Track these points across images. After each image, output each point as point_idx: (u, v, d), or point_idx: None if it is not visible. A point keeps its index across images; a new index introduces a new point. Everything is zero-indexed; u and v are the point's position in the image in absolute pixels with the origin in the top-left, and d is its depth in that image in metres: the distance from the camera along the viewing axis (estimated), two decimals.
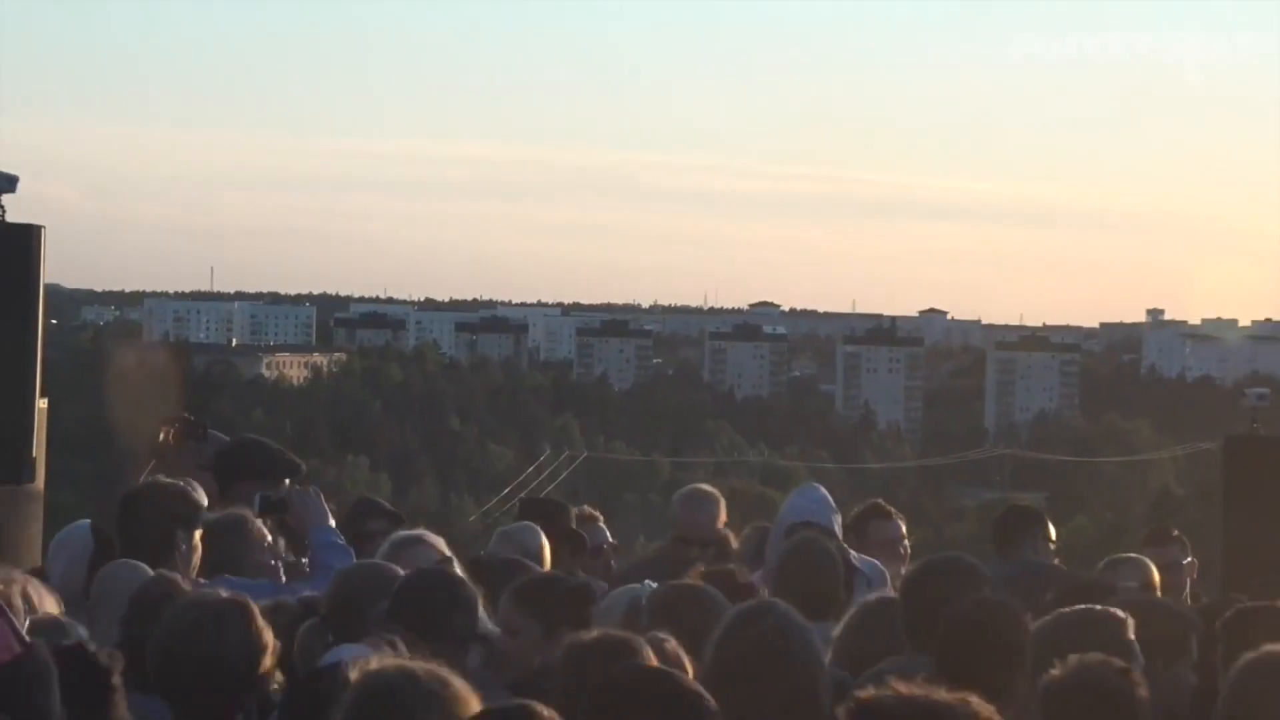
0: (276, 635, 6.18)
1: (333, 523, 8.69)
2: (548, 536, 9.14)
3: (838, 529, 9.16)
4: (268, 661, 5.87)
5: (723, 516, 9.84)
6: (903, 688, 4.64)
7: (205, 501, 8.89)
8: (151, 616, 6.40)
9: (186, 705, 5.95)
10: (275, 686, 6.21)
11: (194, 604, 6.19)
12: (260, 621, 5.97)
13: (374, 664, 4.65)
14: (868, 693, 4.68)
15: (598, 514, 10.58)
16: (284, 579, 8.40)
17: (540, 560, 8.59)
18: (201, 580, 7.75)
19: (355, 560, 8.09)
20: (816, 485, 9.71)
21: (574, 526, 9.80)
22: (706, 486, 10.22)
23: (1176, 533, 10.40)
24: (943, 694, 4.58)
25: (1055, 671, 5.84)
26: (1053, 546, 9.60)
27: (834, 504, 9.38)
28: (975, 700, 4.66)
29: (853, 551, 8.87)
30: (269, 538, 8.48)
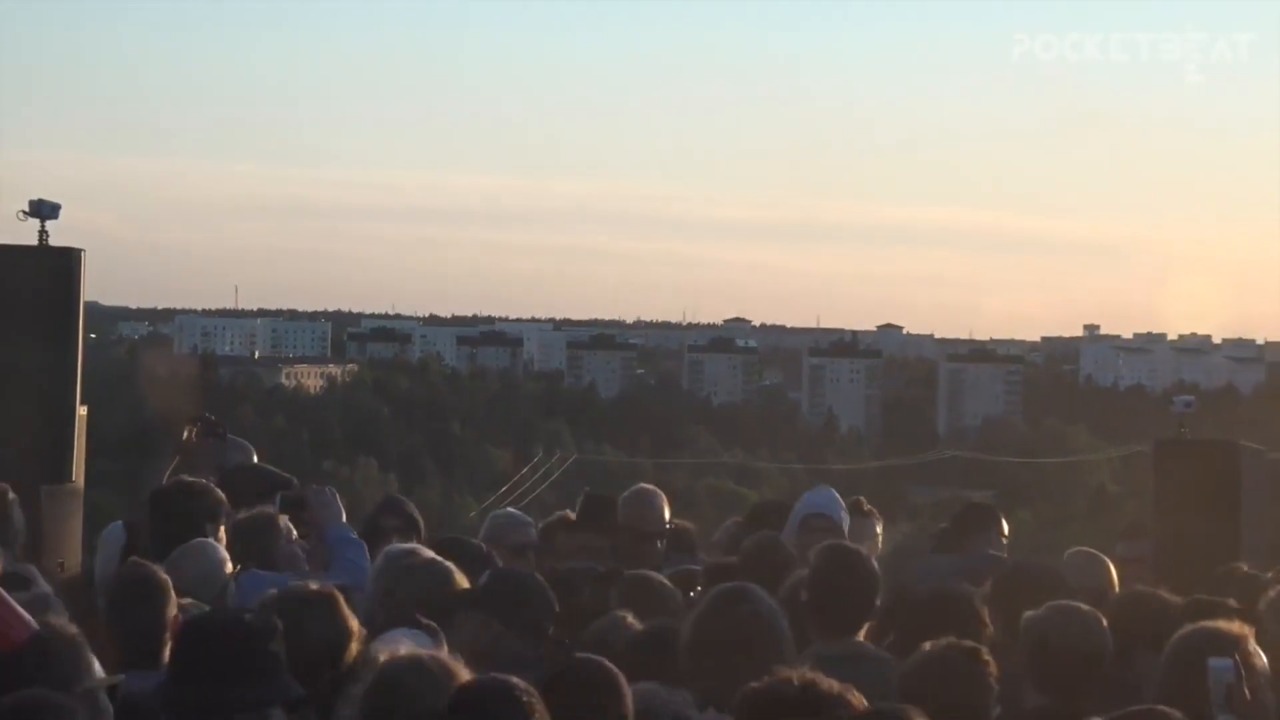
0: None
1: (345, 518, 8.70)
2: None
3: (845, 525, 9.10)
4: (354, 646, 5.83)
5: (668, 512, 9.66)
6: (793, 677, 4.71)
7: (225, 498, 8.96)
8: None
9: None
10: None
11: (288, 595, 6.19)
12: (346, 610, 5.96)
13: (398, 651, 4.51)
14: (759, 683, 4.74)
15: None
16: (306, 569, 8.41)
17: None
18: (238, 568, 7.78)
19: (367, 553, 8.10)
20: (829, 487, 9.68)
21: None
22: (649, 485, 10.05)
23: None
24: (827, 683, 4.61)
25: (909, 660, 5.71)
26: (1005, 541, 9.63)
27: (843, 503, 9.35)
28: (855, 694, 4.67)
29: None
30: (293, 532, 8.51)
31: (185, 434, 9.68)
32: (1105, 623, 6.61)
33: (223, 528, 8.04)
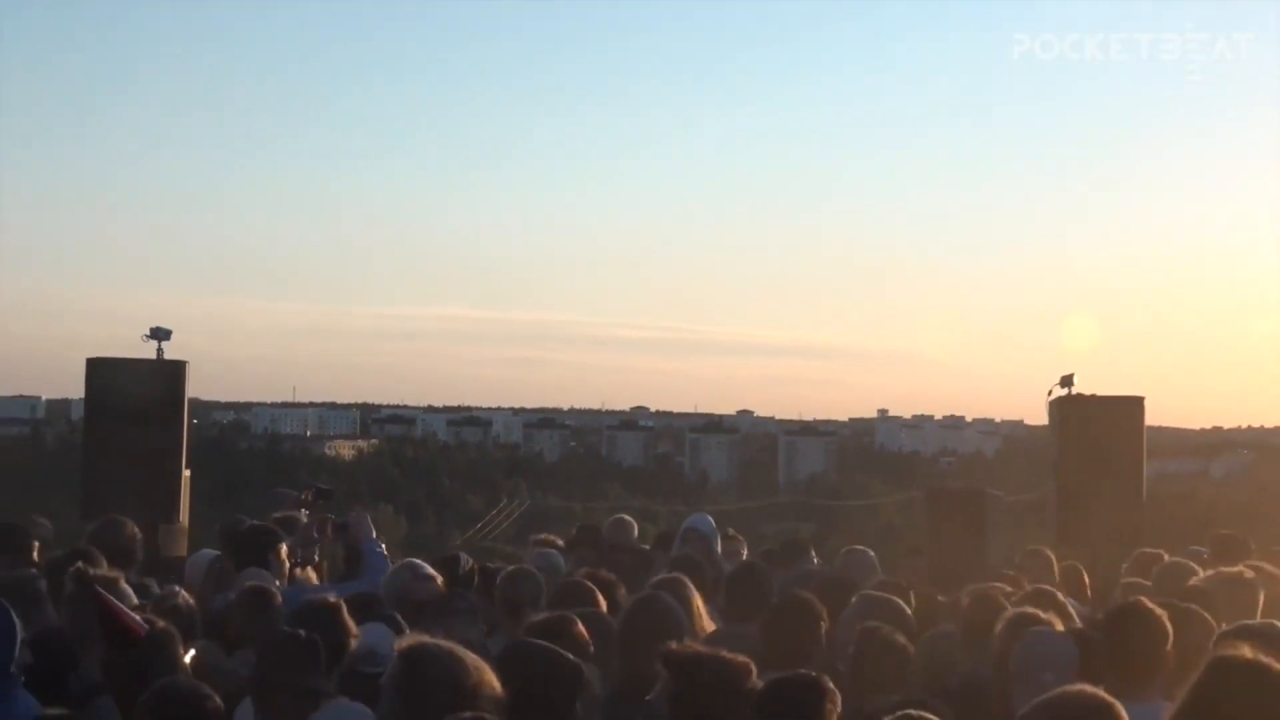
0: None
1: (375, 535, 8.58)
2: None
3: (715, 539, 9.05)
4: (351, 643, 5.57)
5: (635, 534, 9.69)
6: (701, 650, 4.26)
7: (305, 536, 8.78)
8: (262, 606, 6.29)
9: None
10: None
11: (308, 606, 5.83)
12: (348, 617, 5.60)
13: (414, 639, 4.23)
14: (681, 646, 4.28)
15: (558, 539, 10.17)
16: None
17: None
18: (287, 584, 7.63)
19: (389, 561, 7.97)
20: (706, 515, 9.63)
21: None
22: (627, 516, 9.96)
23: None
24: (734, 657, 4.11)
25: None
26: (815, 561, 9.58)
27: (714, 524, 9.27)
28: (752, 666, 4.13)
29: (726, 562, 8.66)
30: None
31: (303, 495, 9.36)
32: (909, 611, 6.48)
33: (284, 552, 7.81)
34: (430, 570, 7.11)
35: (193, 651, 5.48)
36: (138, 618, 5.45)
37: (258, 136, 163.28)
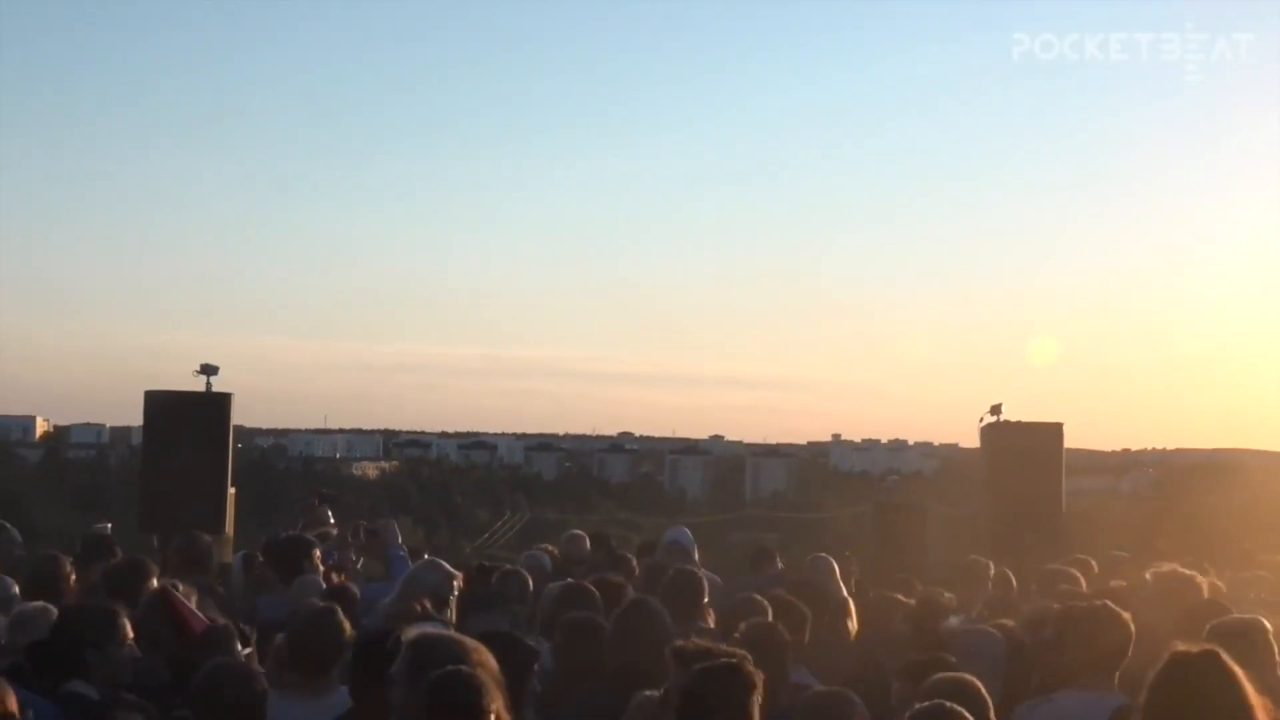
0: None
1: (400, 540, 8.53)
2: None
3: (693, 549, 8.95)
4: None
5: (588, 546, 9.47)
6: (700, 641, 4.06)
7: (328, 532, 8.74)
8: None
9: None
10: None
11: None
12: (343, 618, 5.17)
13: (420, 630, 4.17)
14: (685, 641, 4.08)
15: (550, 548, 10.02)
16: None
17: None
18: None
19: (410, 563, 7.85)
20: (685, 528, 9.53)
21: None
22: (579, 531, 9.80)
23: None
24: (735, 651, 3.89)
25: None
26: (780, 566, 9.55)
27: (690, 536, 9.20)
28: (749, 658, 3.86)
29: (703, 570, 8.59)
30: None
31: (312, 499, 9.40)
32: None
33: (317, 557, 7.66)
34: (450, 568, 7.12)
35: (249, 649, 5.32)
36: (200, 616, 5.37)
37: (296, 199, 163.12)
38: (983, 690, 3.99)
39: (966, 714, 3.63)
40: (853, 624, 6.99)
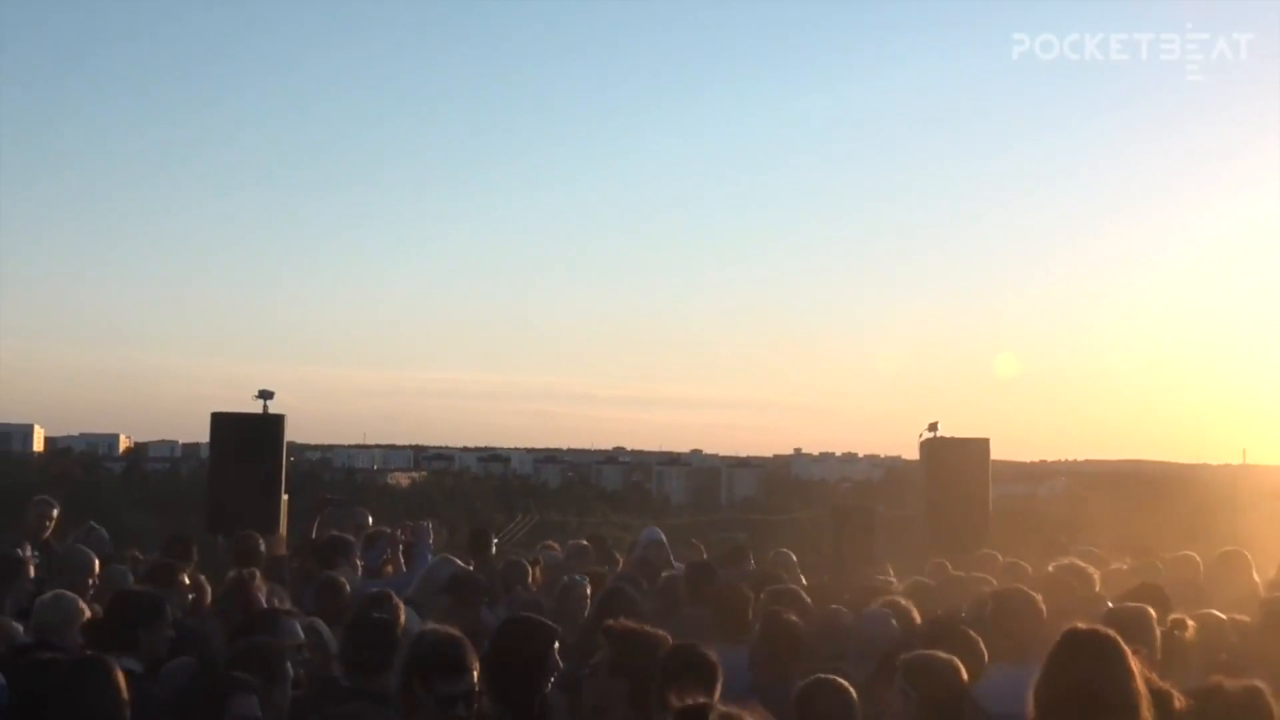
0: None
1: (431, 541, 8.49)
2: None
3: (665, 545, 8.88)
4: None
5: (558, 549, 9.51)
6: (634, 626, 3.89)
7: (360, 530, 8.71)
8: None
9: None
10: None
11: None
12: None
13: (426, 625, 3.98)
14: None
15: (555, 545, 10.08)
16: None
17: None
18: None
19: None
20: (655, 527, 9.54)
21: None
22: (552, 542, 9.77)
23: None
24: (655, 632, 3.79)
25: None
26: (752, 564, 9.48)
27: (662, 534, 9.14)
28: (667, 638, 3.76)
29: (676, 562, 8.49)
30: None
31: (320, 503, 9.43)
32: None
33: (356, 556, 7.68)
34: (460, 563, 7.07)
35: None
36: (261, 600, 5.45)
37: (339, 247, 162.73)
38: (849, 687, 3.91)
39: (845, 684, 3.81)
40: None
